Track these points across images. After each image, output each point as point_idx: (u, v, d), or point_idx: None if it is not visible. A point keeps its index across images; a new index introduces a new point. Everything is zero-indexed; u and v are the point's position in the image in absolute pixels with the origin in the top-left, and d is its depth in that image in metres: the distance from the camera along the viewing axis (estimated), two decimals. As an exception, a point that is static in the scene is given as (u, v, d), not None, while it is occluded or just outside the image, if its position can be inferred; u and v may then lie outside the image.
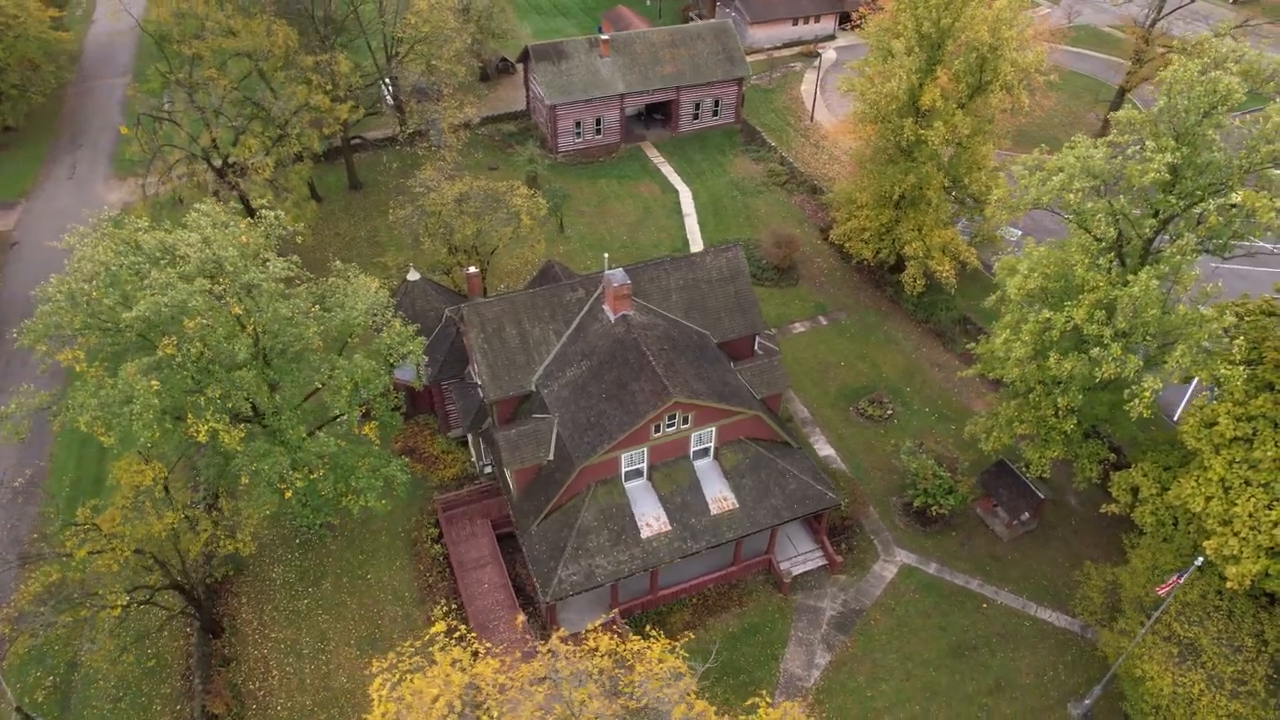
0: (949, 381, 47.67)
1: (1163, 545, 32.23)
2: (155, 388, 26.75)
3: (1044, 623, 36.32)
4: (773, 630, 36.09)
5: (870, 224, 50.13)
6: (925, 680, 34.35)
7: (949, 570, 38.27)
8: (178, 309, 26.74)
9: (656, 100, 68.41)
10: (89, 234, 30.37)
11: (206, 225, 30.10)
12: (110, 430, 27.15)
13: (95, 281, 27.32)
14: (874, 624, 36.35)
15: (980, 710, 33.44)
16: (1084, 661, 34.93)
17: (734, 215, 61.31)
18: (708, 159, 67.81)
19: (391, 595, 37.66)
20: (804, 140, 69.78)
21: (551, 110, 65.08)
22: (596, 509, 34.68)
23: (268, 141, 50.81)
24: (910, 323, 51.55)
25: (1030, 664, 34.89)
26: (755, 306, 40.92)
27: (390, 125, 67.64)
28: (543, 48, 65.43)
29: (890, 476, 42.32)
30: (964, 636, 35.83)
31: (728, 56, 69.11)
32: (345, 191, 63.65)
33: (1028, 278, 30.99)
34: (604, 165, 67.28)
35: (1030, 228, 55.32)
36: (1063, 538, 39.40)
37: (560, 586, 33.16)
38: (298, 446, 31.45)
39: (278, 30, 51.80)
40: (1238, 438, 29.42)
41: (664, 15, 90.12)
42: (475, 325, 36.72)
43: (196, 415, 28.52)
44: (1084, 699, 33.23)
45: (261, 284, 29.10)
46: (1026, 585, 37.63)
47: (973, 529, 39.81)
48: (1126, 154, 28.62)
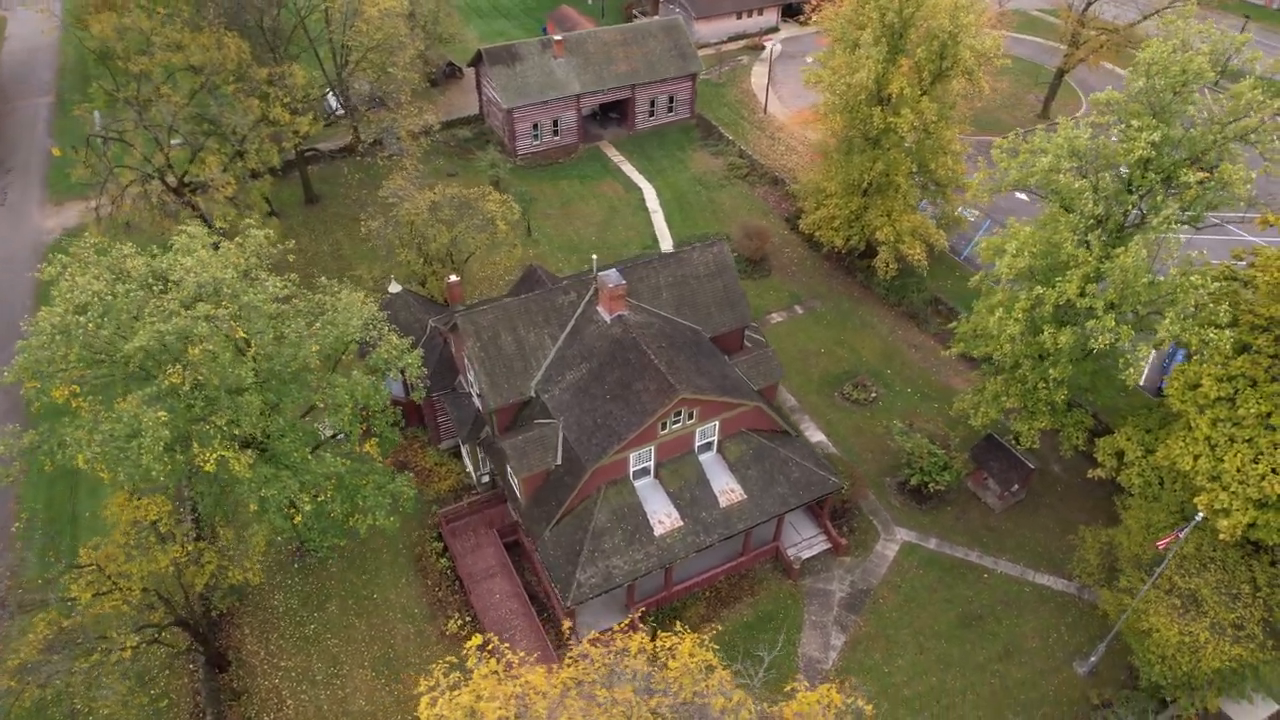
0: (927, 361, 48.98)
1: (1154, 505, 33.77)
2: (163, 418, 25.85)
3: (1043, 588, 37.71)
4: (786, 616, 36.67)
5: (840, 212, 51.10)
6: (938, 652, 35.36)
7: (948, 544, 39.41)
8: (181, 336, 25.87)
9: (612, 99, 68.45)
10: (70, 263, 29.15)
11: (198, 247, 29.18)
12: (117, 467, 26.10)
13: (90, 312, 26.20)
14: (883, 602, 37.23)
15: (993, 677, 34.57)
16: (1084, 622, 36.38)
17: (699, 210, 61.79)
18: (667, 155, 68.17)
19: (401, 613, 37.08)
20: (760, 133, 70.66)
21: (509, 114, 64.60)
22: (609, 510, 34.72)
23: (224, 158, 49.33)
24: (883, 306, 52.78)
25: (1034, 628, 36.21)
26: (743, 299, 41.45)
27: (343, 135, 66.44)
28: (496, 51, 64.88)
29: (882, 457, 43.33)
30: (969, 607, 36.97)
31: (680, 53, 69.55)
32: (301, 206, 62.13)
33: (1017, 257, 32.09)
34: (564, 166, 67.09)
35: (990, 208, 56.99)
36: (1051, 505, 40.92)
37: (580, 590, 33.12)
38: (304, 469, 30.75)
39: (228, 43, 50.27)
40: (1220, 398, 31.00)
41: (607, 14, 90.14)
42: (471, 334, 36.38)
43: (203, 444, 27.68)
44: (1089, 657, 34.64)
45: (260, 305, 28.34)
46: (1022, 553, 39.00)
47: (966, 503, 41.05)
48: (1110, 134, 29.84)
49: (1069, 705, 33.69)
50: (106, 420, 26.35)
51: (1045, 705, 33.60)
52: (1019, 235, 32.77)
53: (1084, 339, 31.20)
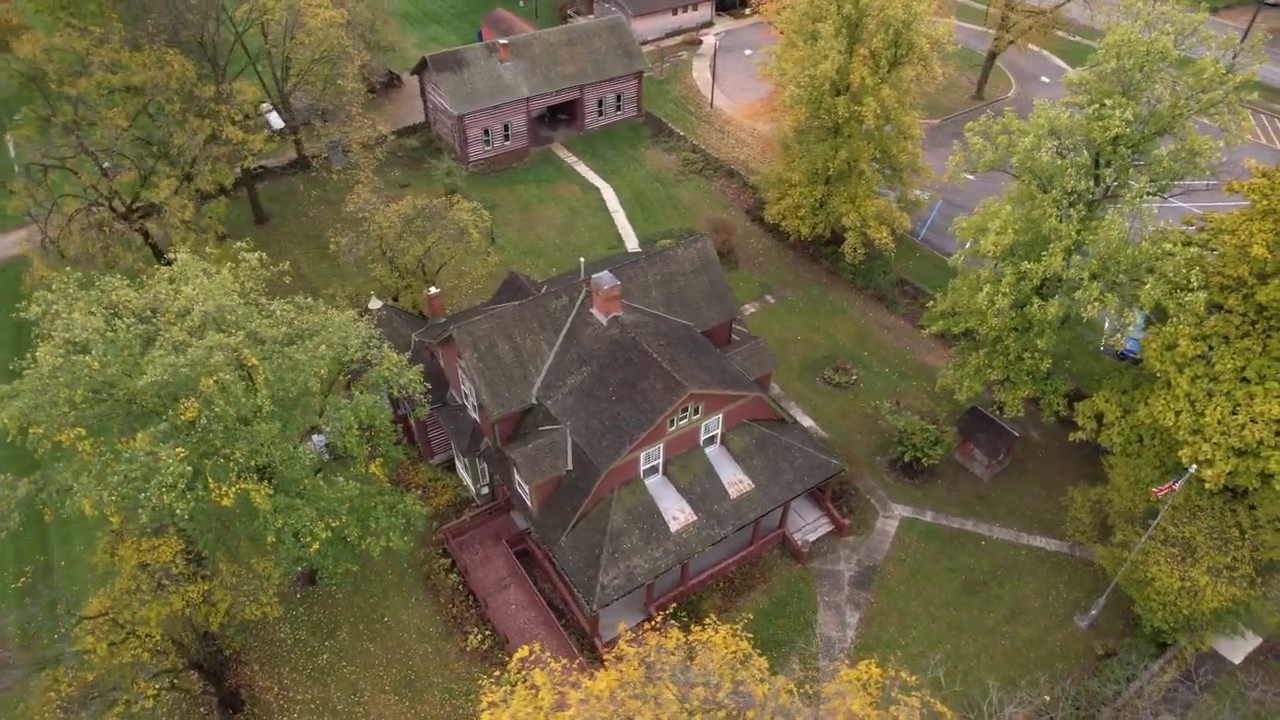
0: (900, 341, 50.47)
1: (1139, 461, 35.62)
2: (182, 454, 24.93)
3: (1037, 549, 39.40)
4: (801, 600, 37.45)
5: (805, 201, 52.14)
6: (949, 620, 36.63)
7: (944, 516, 40.81)
8: (195, 368, 24.96)
9: (560, 101, 68.23)
10: (55, 300, 27.79)
11: (194, 274, 28.18)
12: (138, 508, 25.04)
13: (94, 350, 25.03)
14: (890, 577, 38.35)
15: (1003, 639, 36.01)
16: (1079, 578, 38.17)
17: (660, 207, 62.19)
18: (620, 154, 68.34)
19: (416, 634, 36.51)
20: (709, 127, 71.43)
21: (459, 120, 63.80)
22: (623, 511, 34.85)
23: (175, 182, 47.46)
24: (852, 290, 54.12)
25: (1034, 589, 37.82)
26: (730, 293, 42.04)
27: (288, 151, 64.60)
28: (442, 57, 63.97)
29: (870, 437, 44.53)
30: (972, 574, 38.39)
31: (625, 51, 69.76)
32: (251, 226, 60.12)
33: (1001, 234, 33.42)
34: (518, 171, 66.62)
35: (945, 189, 58.85)
36: (1034, 470, 42.74)
37: (605, 593, 33.19)
38: (315, 495, 30.03)
39: (171, 61, 48.33)
40: (1197, 356, 32.92)
41: (540, 15, 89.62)
42: (468, 345, 36.00)
43: (218, 478, 26.79)
44: (1089, 610, 36.39)
45: (268, 330, 27.55)
46: (1014, 518, 40.65)
47: (955, 475, 42.53)
48: (1087, 112, 31.34)
49: (1076, 658, 35.36)
50: (119, 461, 25.21)
51: (1055, 660, 35.19)
52: (1000, 214, 34.11)
53: (1070, 309, 32.70)
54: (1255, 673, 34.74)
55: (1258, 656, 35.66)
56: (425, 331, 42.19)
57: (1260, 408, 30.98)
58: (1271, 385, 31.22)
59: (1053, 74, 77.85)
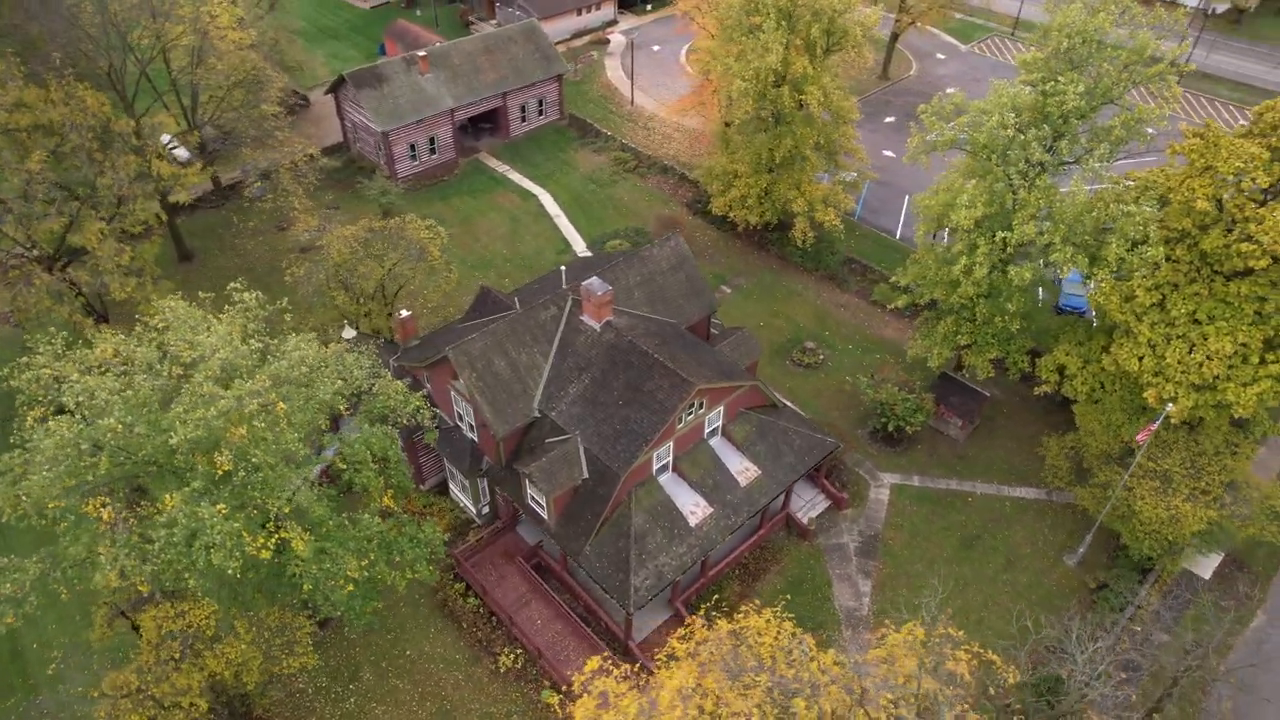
0: (856, 318, 52.56)
1: (1102, 407, 38.50)
2: (224, 511, 23.81)
3: (1019, 499, 42.01)
4: (814, 576, 38.75)
5: (751, 190, 53.45)
6: (953, 576, 38.67)
7: (929, 478, 42.94)
8: (226, 418, 23.87)
9: (484, 109, 67.43)
10: (46, 364, 25.95)
11: (194, 319, 26.85)
12: (182, 574, 23.75)
13: (114, 413, 23.53)
14: (892, 542, 40.14)
15: (1005, 586, 38.33)
16: (1061, 521, 40.93)
17: (601, 208, 62.45)
18: (549, 159, 68.12)
19: (442, 663, 35.86)
20: (633, 125, 72.03)
21: (384, 137, 62.22)
22: (643, 512, 35.20)
23: (104, 225, 44.56)
24: (803, 273, 55.91)
25: (1024, 536, 40.35)
26: (707, 287, 42.91)
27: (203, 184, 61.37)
28: (361, 74, 62.15)
29: (848, 412, 46.31)
30: (966, 530, 40.61)
31: (543, 55, 69.52)
32: (175, 265, 56.96)
33: (970, 208, 35.44)
34: (450, 184, 65.51)
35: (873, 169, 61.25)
36: (1003, 426, 45.45)
37: (639, 595, 33.50)
38: (341, 535, 29.14)
39: (84, 96, 45.27)
40: (1153, 304, 35.88)
41: (441, 24, 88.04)
42: (465, 365, 35.55)
43: (251, 530, 25.67)
44: (1077, 549, 39.14)
45: (289, 372, 26.55)
46: (994, 473, 43.17)
47: (932, 439, 44.76)
48: (1044, 89, 33.60)
49: (1071, 594, 38.01)
50: (155, 526, 23.83)
51: (1054, 599, 37.72)
52: (967, 189, 36.11)
53: (1041, 272, 35.05)
54: (1220, 585, 38.29)
55: (1223, 570, 39.22)
56: (404, 356, 41.24)
57: (1214, 345, 34.08)
58: (1221, 324, 34.39)
59: (947, 51, 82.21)
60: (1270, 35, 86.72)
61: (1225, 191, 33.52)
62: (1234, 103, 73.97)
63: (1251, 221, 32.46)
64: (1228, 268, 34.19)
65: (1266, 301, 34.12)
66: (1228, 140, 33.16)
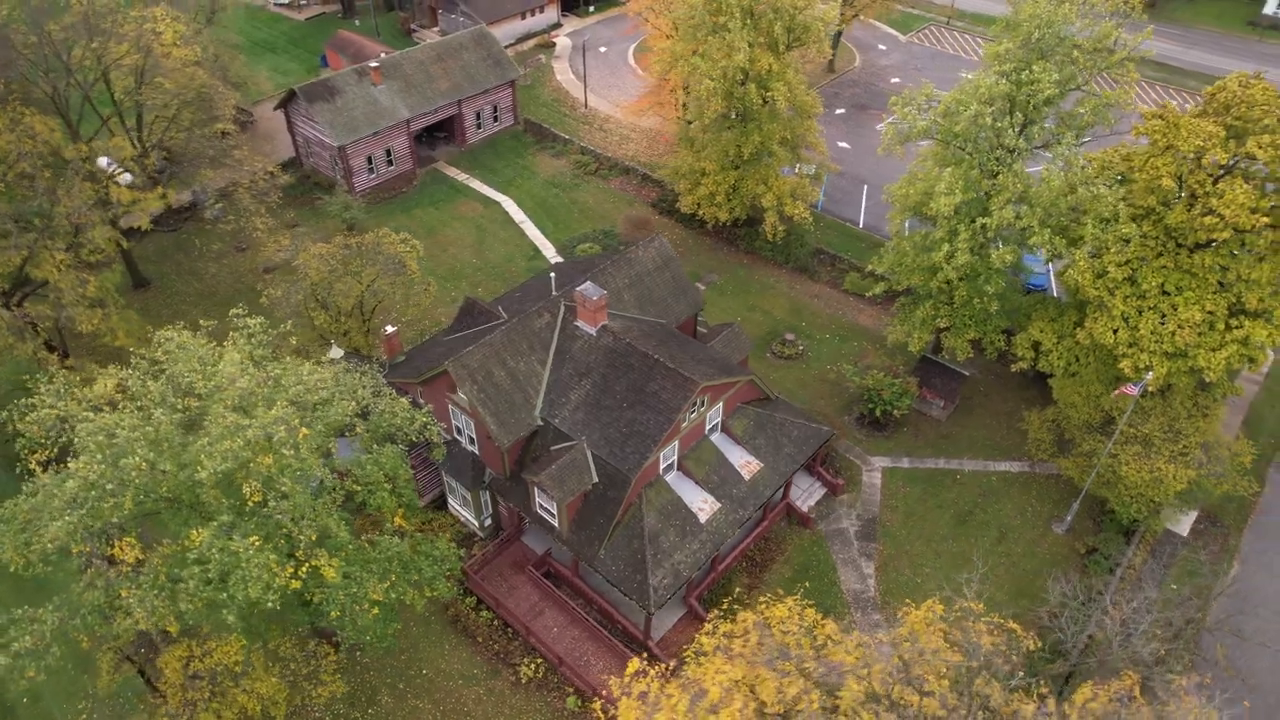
0: (830, 308, 53.71)
1: (1082, 379, 40.22)
2: (257, 543, 23.30)
3: (1004, 473, 43.56)
4: (819, 563, 39.58)
5: (719, 188, 54.08)
6: (952, 552, 39.94)
7: (918, 459, 44.21)
8: (253, 448, 23.35)
9: (439, 118, 66.68)
10: (50, 404, 24.99)
11: (199, 349, 26.16)
12: (218, 610, 23.13)
13: (138, 451, 22.78)
14: (889, 524, 41.24)
15: (1001, 557, 39.74)
16: (1046, 491, 42.58)
17: (566, 212, 62.40)
18: (509, 165, 67.76)
19: (461, 679, 35.58)
20: (589, 128, 72.07)
21: (341, 151, 61.06)
22: (654, 512, 35.48)
23: (64, 255, 42.83)
24: (774, 267, 56.85)
25: (1012, 508, 41.88)
26: (692, 286, 43.38)
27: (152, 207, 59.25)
28: (313, 87, 60.87)
29: (832, 400, 47.34)
30: (958, 507, 41.95)
31: (495, 61, 69.07)
32: (130, 293, 54.94)
33: (949, 195, 36.62)
34: (410, 195, 64.65)
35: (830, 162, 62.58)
36: (981, 404, 47.04)
37: (658, 594, 33.79)
38: (360, 557, 28.75)
39: (32, 122, 43.40)
40: (1125, 279, 37.62)
41: (382, 33, 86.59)
42: (465, 378, 35.32)
43: (280, 560, 25.15)
44: (1065, 517, 40.80)
45: (306, 396, 26.07)
46: (978, 449, 44.67)
47: (916, 421, 46.06)
48: (1016, 79, 34.93)
49: (1064, 560, 39.63)
50: (185, 565, 23.18)
51: (1048, 566, 39.25)
52: (944, 177, 37.28)
53: (1020, 255, 36.43)
54: (1198, 540, 40.43)
55: (1198, 526, 41.38)
56: (394, 372, 40.69)
57: (1184, 315, 35.94)
58: (1189, 295, 36.29)
59: (888, 42, 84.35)
60: (1182, 18, 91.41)
61: (1186, 169, 35.38)
62: (1158, 82, 77.67)
63: (1213, 196, 34.33)
64: (1190, 241, 36.09)
65: (1228, 271, 36.15)
66: (1187, 121, 34.97)
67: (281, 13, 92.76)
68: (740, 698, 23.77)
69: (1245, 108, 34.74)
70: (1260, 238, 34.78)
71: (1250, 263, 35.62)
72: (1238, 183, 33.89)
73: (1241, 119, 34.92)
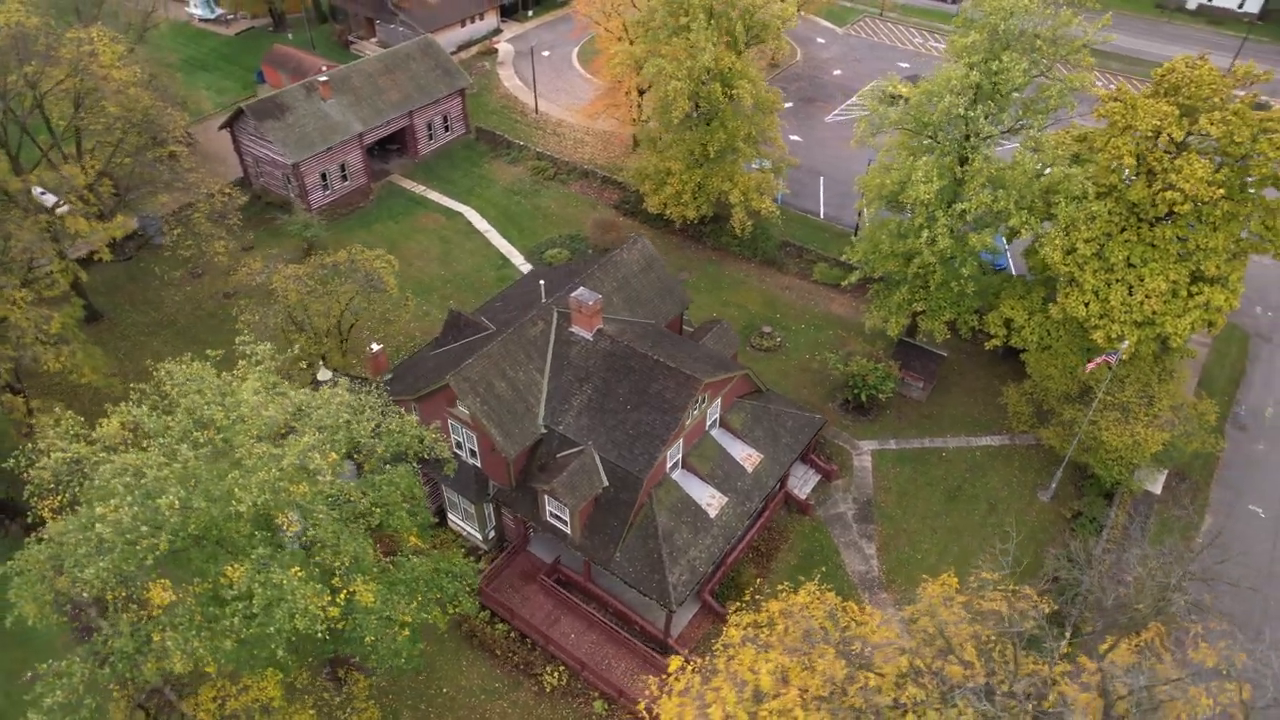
0: (802, 299, 54.81)
1: (1057, 351, 42.05)
2: (300, 574, 22.85)
3: (986, 447, 45.20)
4: (823, 548, 40.48)
5: (685, 186, 54.66)
6: (946, 527, 41.31)
7: (903, 440, 45.55)
8: (290, 477, 22.89)
9: (391, 131, 65.66)
10: (63, 447, 24.03)
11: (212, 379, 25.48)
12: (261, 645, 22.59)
13: (170, 492, 22.07)
14: (885, 505, 42.41)
15: (992, 527, 41.26)
16: (1029, 461, 44.32)
17: (529, 219, 62.18)
18: (465, 174, 67.15)
19: (483, 694, 35.34)
20: (542, 133, 71.87)
21: (295, 168, 59.66)
22: (665, 511, 35.82)
23: (22, 292, 40.92)
24: (743, 261, 57.70)
25: (999, 480, 43.50)
26: (678, 285, 43.86)
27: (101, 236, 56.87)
28: (261, 105, 59.31)
29: (815, 388, 48.37)
30: (948, 483, 43.38)
31: (444, 70, 68.33)
32: (83, 328, 52.53)
33: (927, 183, 37.88)
34: (368, 210, 63.52)
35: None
36: (957, 383, 48.66)
37: (678, 592, 34.15)
38: (393, 579, 28.43)
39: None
40: (1093, 254, 39.48)
41: (317, 46, 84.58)
42: (468, 392, 35.11)
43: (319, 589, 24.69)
44: (1049, 485, 42.59)
45: (326, 420, 25.62)
46: (959, 426, 46.23)
47: (897, 403, 47.36)
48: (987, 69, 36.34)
49: (1052, 526, 41.38)
50: (221, 603, 22.57)
51: (1039, 533, 40.96)
52: (920, 165, 38.50)
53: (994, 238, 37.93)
54: (1170, 498, 42.72)
55: (1169, 484, 43.64)
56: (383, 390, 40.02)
57: (1150, 285, 37.96)
58: (1154, 266, 38.31)
59: (826, 35, 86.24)
60: (1111, 3, 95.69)
61: (1144, 147, 37.35)
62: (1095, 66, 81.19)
63: (1171, 172, 36.34)
64: (1151, 214, 38.10)
65: (1186, 241, 38.32)
66: (1143, 102, 36.95)
67: (208, 28, 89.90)
68: (794, 683, 24.24)
69: (1195, 87, 36.86)
70: (1216, 208, 36.93)
71: (1206, 232, 37.79)
72: (1193, 158, 35.94)
73: (1192, 98, 37.05)
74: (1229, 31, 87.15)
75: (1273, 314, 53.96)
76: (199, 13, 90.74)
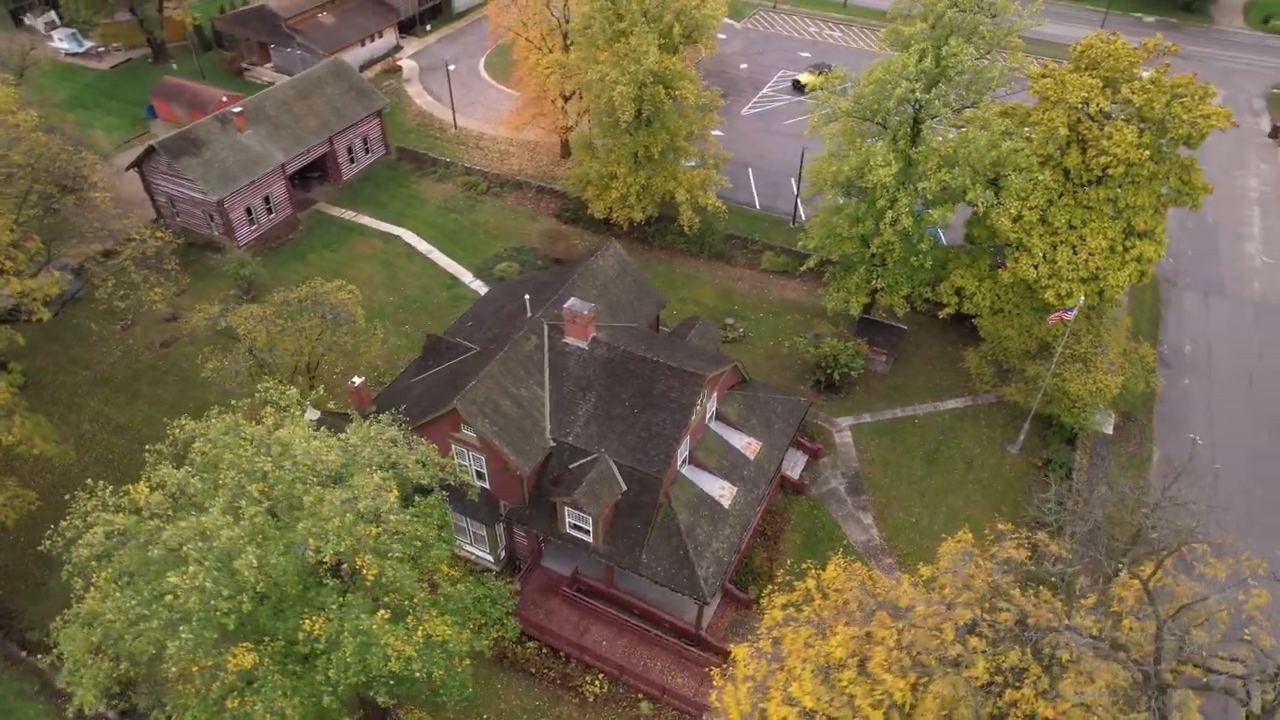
0: (756, 289, 56.43)
1: (1010, 314, 45.04)
2: (386, 617, 22.35)
3: (952, 410, 47.91)
4: (824, 525, 42.06)
5: (630, 189, 55.34)
6: (932, 488, 43.64)
7: (876, 412, 47.73)
8: (364, 519, 22.37)
9: (312, 158, 63.51)
10: (108, 520, 22.67)
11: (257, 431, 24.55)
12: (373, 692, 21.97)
13: (248, 551, 21.14)
14: (873, 476, 44.40)
15: (974, 484, 43.87)
16: (994, 418, 47.21)
17: (470, 235, 61.46)
18: (394, 196, 65.65)
19: (525, 714, 35.13)
20: (465, 148, 70.99)
21: (220, 205, 56.96)
22: (684, 508, 36.47)
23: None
24: (691, 258, 58.84)
25: (970, 440, 46.21)
26: (652, 287, 44.53)
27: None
28: (174, 142, 56.33)
29: (785, 373, 50.01)
30: (925, 448, 45.77)
31: (359, 92, 66.57)
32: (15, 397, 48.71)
33: (886, 166, 39.90)
34: (298, 241, 61.28)
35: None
36: (915, 352, 51.26)
37: (709, 584, 34.90)
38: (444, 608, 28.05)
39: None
40: (1038, 220, 42.52)
41: (208, 75, 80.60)
42: (476, 415, 34.84)
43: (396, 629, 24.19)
44: (1017, 438, 45.58)
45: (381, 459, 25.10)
46: (925, 393, 48.77)
47: (864, 379, 49.45)
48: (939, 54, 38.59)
49: (1024, 476, 44.33)
50: (315, 656, 21.85)
51: (1016, 484, 43.80)
52: (877, 150, 40.51)
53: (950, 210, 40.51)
54: (1120, 438, 46.53)
55: (1118, 426, 47.44)
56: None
57: (1092, 244, 41.28)
58: (1092, 226, 41.65)
59: (726, 30, 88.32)
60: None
61: (1075, 117, 40.55)
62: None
63: (1103, 139, 39.61)
64: (1085, 179, 41.41)
65: (1117, 201, 41.82)
66: (1071, 77, 40.11)
67: (78, 63, 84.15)
68: (881, 649, 25.36)
69: (1114, 61, 40.30)
70: (1142, 169, 40.44)
71: (1133, 191, 41.35)
72: (1120, 124, 39.30)
73: (1112, 71, 40.48)
74: (1089, 6, 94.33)
75: (1174, 260, 59.26)
76: (65, 46, 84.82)
